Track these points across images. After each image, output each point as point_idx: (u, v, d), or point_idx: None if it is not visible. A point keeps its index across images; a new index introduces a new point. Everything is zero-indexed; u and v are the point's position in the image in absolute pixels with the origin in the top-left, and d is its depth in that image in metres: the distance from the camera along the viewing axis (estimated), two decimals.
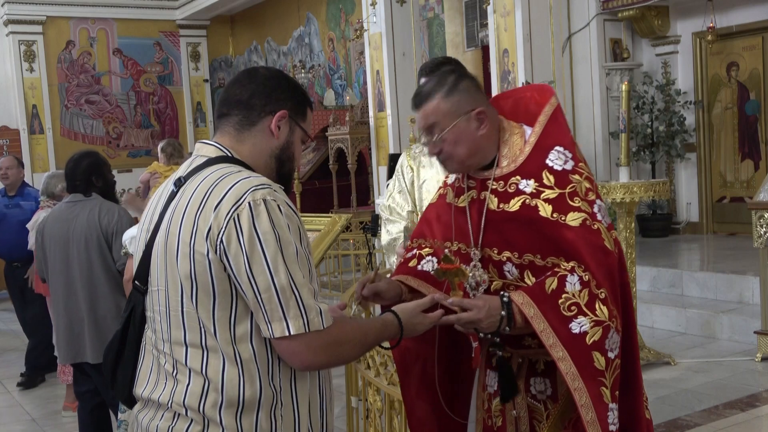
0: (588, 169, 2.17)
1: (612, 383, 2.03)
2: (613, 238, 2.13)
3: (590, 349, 2.00)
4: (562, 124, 2.18)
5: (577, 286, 2.03)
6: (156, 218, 1.81)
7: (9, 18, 14.29)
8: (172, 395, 1.74)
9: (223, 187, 1.69)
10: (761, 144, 8.56)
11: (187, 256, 1.69)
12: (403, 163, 3.33)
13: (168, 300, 1.74)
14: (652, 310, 6.73)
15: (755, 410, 4.64)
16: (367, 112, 10.97)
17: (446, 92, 2.13)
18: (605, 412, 2.00)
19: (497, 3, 8.69)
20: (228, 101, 1.88)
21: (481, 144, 2.15)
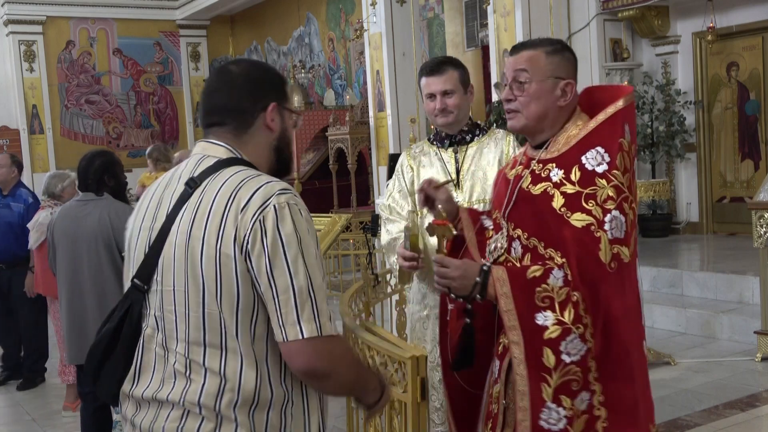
0: (626, 179, 2.10)
1: (559, 385, 2.03)
2: (630, 256, 2.08)
3: (543, 344, 2.02)
4: (618, 126, 2.13)
5: (559, 282, 2.04)
6: (164, 218, 1.80)
7: (9, 18, 14.30)
8: (185, 394, 1.73)
9: (248, 190, 1.70)
10: (761, 144, 8.56)
11: (213, 258, 1.69)
12: (404, 162, 3.33)
13: (188, 301, 1.73)
14: (652, 310, 6.73)
15: (755, 410, 4.64)
16: (367, 112, 10.97)
17: (550, 51, 2.18)
18: (540, 406, 2.03)
19: (497, 3, 8.69)
20: (216, 110, 1.89)
21: (553, 114, 2.18)
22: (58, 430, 5.22)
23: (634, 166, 2.16)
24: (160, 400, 1.77)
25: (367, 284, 3.81)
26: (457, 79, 3.10)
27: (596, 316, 2.05)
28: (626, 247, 2.07)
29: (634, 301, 2.15)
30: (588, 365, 2.05)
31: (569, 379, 2.04)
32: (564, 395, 2.04)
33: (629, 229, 2.09)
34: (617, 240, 2.06)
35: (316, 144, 12.24)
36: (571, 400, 2.05)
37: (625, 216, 2.07)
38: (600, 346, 2.06)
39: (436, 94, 3.09)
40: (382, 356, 2.59)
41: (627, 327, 2.10)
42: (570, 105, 2.20)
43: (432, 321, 3.18)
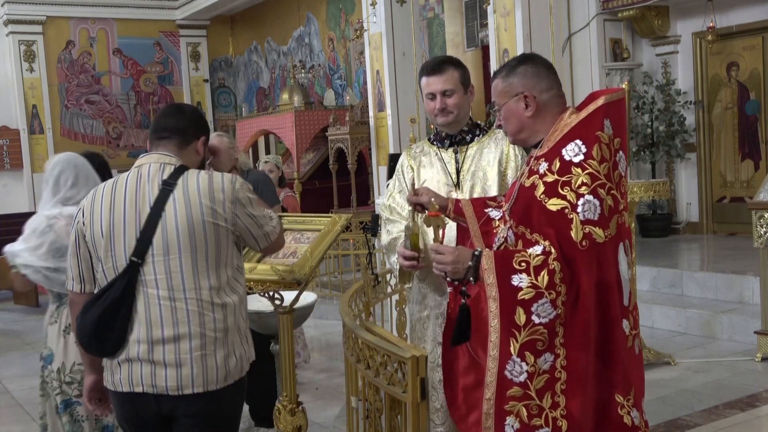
0: (603, 168, 2.29)
1: (525, 342, 2.24)
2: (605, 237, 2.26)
3: (517, 303, 2.24)
4: (597, 121, 2.33)
5: (537, 251, 2.26)
6: (148, 210, 2.51)
7: (9, 18, 14.30)
8: (203, 324, 2.49)
9: (217, 182, 2.55)
10: (761, 144, 8.57)
11: (213, 228, 2.50)
12: (404, 162, 3.33)
13: (195, 259, 2.48)
14: (652, 310, 6.73)
15: (755, 410, 4.64)
16: (367, 112, 10.97)
17: (505, 74, 2.48)
18: (507, 358, 2.26)
19: (497, 3, 8.69)
20: (167, 128, 2.68)
21: (528, 125, 2.45)
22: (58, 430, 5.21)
23: (616, 158, 2.33)
24: (177, 336, 2.46)
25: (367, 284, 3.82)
26: (458, 79, 3.10)
27: (570, 288, 2.24)
28: (600, 229, 2.25)
29: (609, 279, 2.29)
30: (555, 330, 2.25)
31: (535, 338, 2.25)
32: (529, 352, 2.25)
33: (605, 213, 2.26)
34: (589, 221, 2.24)
35: (316, 144, 12.23)
36: (534, 357, 2.25)
37: (600, 200, 2.26)
38: (569, 316, 2.25)
39: (436, 94, 3.09)
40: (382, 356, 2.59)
41: (593, 300, 2.26)
42: (545, 109, 2.44)
43: (432, 321, 3.18)
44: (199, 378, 2.48)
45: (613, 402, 2.30)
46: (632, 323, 2.39)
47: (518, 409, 2.27)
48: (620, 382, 2.31)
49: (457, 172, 3.19)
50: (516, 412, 2.28)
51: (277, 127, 12.00)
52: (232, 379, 2.56)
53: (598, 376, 2.30)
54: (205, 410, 2.53)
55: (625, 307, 2.36)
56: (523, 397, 2.26)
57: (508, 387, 2.27)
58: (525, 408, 2.27)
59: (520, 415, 2.27)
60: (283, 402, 3.32)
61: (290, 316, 3.26)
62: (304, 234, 3.41)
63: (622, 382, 2.32)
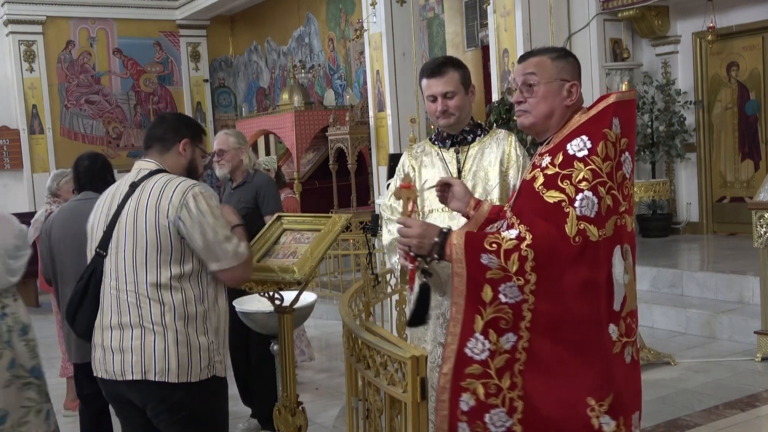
0: (606, 166, 2.25)
1: (490, 320, 2.21)
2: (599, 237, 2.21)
3: (485, 282, 2.20)
4: (606, 118, 2.30)
5: (511, 235, 2.22)
6: (115, 208, 2.80)
7: (9, 18, 14.30)
8: (140, 317, 2.70)
9: (172, 186, 2.74)
10: (761, 144, 8.57)
11: (154, 228, 2.69)
12: (405, 162, 3.33)
13: (135, 256, 2.71)
14: (652, 310, 6.73)
15: (755, 410, 4.64)
16: (367, 112, 10.97)
17: (555, 57, 2.40)
18: (469, 335, 2.22)
19: (497, 3, 8.69)
20: (150, 138, 2.95)
21: (559, 113, 2.38)
22: None
23: (621, 158, 2.30)
24: (124, 324, 2.72)
25: (367, 284, 3.82)
26: (458, 80, 3.10)
27: (545, 277, 2.18)
28: (595, 227, 2.20)
29: (597, 279, 2.23)
30: (522, 313, 2.21)
31: (500, 317, 2.21)
32: (493, 330, 2.21)
33: (603, 213, 2.22)
34: (585, 218, 2.20)
35: (316, 144, 12.23)
36: (497, 336, 2.22)
37: (599, 198, 2.22)
38: (543, 305, 2.20)
39: (437, 96, 3.09)
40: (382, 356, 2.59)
41: (574, 297, 2.20)
42: (575, 105, 2.40)
43: (432, 321, 3.18)
44: (138, 365, 2.68)
45: (584, 403, 2.23)
46: (623, 330, 2.31)
47: (475, 387, 2.24)
48: (596, 386, 2.24)
49: (458, 172, 3.19)
50: (473, 389, 2.25)
51: (277, 127, 12.00)
52: (195, 378, 2.72)
53: (571, 373, 2.23)
54: (164, 402, 2.72)
55: (616, 312, 2.29)
56: (482, 375, 2.23)
57: (467, 364, 2.24)
58: (483, 386, 2.24)
59: (477, 393, 2.24)
60: (283, 402, 3.32)
61: (290, 316, 3.26)
62: (304, 234, 3.41)
63: (599, 386, 2.24)
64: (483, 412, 2.24)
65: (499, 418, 2.23)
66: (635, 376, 2.38)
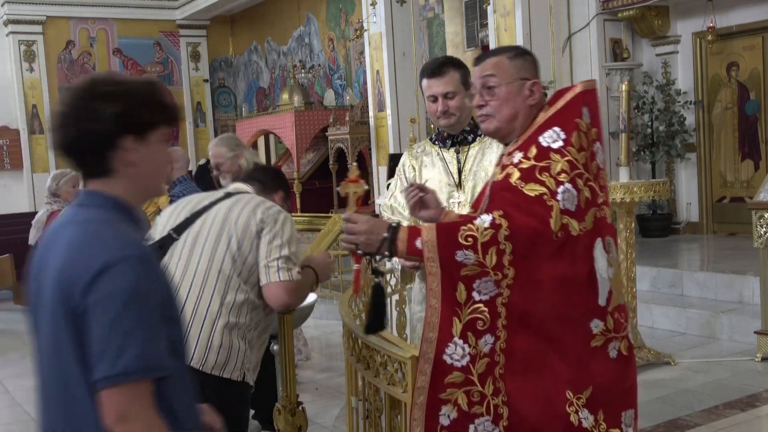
0: (581, 156, 2.18)
1: (467, 321, 2.09)
2: (579, 230, 2.13)
3: (459, 279, 2.08)
4: (576, 108, 2.24)
5: (486, 223, 2.09)
6: (206, 204, 2.96)
7: (9, 18, 14.30)
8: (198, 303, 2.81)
9: (267, 204, 2.99)
10: (761, 144, 8.57)
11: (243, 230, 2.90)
12: (405, 162, 3.33)
13: (216, 249, 2.85)
14: (652, 310, 6.73)
15: (755, 410, 4.64)
16: (367, 112, 10.97)
17: (512, 56, 2.32)
18: (448, 340, 2.10)
19: (497, 3, 8.68)
20: (251, 177, 3.18)
21: (524, 114, 2.29)
22: None
23: (594, 148, 2.23)
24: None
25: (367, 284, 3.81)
26: (458, 80, 3.09)
27: (523, 272, 2.09)
28: (576, 221, 2.13)
29: (576, 274, 2.15)
30: (497, 310, 2.11)
31: (476, 317, 2.10)
32: (471, 332, 2.10)
33: (582, 205, 2.15)
34: (567, 211, 2.12)
35: (316, 144, 12.23)
36: (476, 339, 2.10)
37: (578, 191, 2.14)
38: (516, 296, 2.11)
39: (437, 97, 3.09)
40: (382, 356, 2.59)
41: (551, 291, 2.12)
42: (538, 104, 2.31)
43: None
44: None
45: (562, 398, 2.15)
46: (611, 326, 2.21)
47: (456, 397, 2.11)
48: (573, 379, 2.16)
49: (458, 172, 3.19)
50: (454, 400, 2.12)
51: (277, 127, 12.00)
52: (228, 375, 2.77)
53: (548, 367, 2.15)
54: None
55: (601, 307, 2.19)
56: (464, 383, 2.11)
57: (447, 372, 2.11)
58: (465, 395, 2.11)
59: (459, 403, 2.11)
60: (283, 402, 3.32)
61: (290, 316, 3.26)
62: (304, 234, 3.42)
63: (576, 379, 2.16)
64: (467, 423, 2.13)
65: (484, 428, 2.12)
66: (625, 373, 2.28)
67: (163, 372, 1.62)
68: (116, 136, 1.65)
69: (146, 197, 1.80)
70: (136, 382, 1.57)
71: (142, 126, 1.68)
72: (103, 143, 1.66)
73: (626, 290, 5.56)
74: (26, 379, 6.40)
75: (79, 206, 1.74)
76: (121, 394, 1.56)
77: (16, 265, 9.50)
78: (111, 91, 1.66)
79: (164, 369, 1.62)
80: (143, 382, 1.58)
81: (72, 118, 1.65)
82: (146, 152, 1.70)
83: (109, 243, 1.62)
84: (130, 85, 1.70)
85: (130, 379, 1.56)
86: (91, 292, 1.56)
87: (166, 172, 1.82)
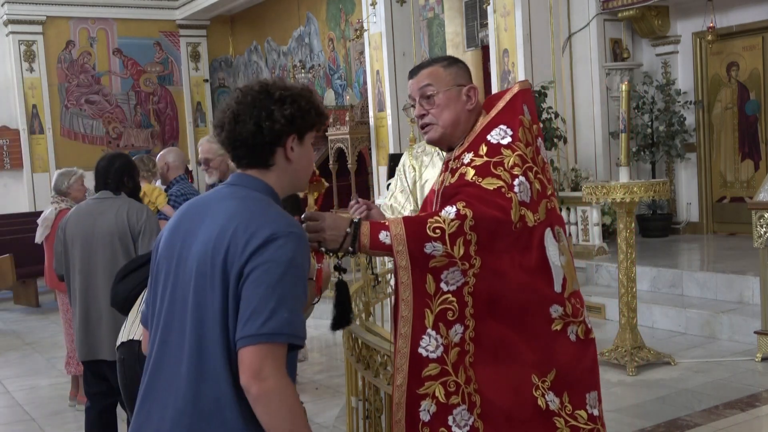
0: (529, 151, 2.26)
1: (438, 312, 2.13)
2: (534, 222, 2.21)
3: (427, 271, 2.12)
4: (517, 106, 2.33)
5: (451, 215, 2.13)
6: None
7: (9, 18, 14.30)
8: None
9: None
10: (761, 144, 8.57)
11: None
12: (405, 162, 3.34)
13: None
14: (652, 310, 6.73)
15: (755, 410, 4.64)
16: (367, 112, 10.97)
17: (445, 64, 2.38)
18: (422, 332, 2.13)
19: (497, 3, 8.69)
20: None
21: (464, 118, 2.35)
22: (59, 430, 5.22)
23: (537, 143, 2.32)
24: None
25: (367, 284, 3.82)
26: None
27: (488, 260, 2.15)
28: (531, 212, 2.21)
29: (532, 261, 2.21)
30: (465, 299, 2.15)
31: (446, 307, 2.14)
32: (442, 323, 2.14)
33: (535, 197, 2.23)
34: (524, 203, 2.20)
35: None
36: (446, 329, 2.14)
37: (530, 183, 2.22)
38: (481, 284, 2.15)
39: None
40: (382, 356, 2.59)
41: (514, 277, 2.18)
42: (476, 108, 2.38)
43: None
44: None
45: (528, 382, 2.20)
46: (569, 311, 2.27)
47: (434, 389, 2.15)
48: (538, 361, 2.22)
49: None
50: (432, 393, 2.15)
51: None
52: None
53: (514, 352, 2.20)
54: None
55: (558, 294, 2.25)
56: (441, 374, 2.14)
57: (423, 365, 2.14)
58: (442, 386, 2.14)
59: (437, 396, 2.14)
60: None
61: None
62: None
63: (541, 362, 2.22)
64: (446, 415, 2.16)
65: (462, 417, 2.16)
66: (584, 354, 2.32)
67: (301, 341, 1.77)
68: (286, 134, 1.90)
69: (292, 190, 2.00)
70: (279, 345, 1.72)
71: (305, 127, 1.93)
72: (275, 140, 1.89)
73: (627, 291, 5.57)
74: (26, 378, 6.41)
75: (234, 185, 1.93)
76: (263, 353, 1.70)
77: (16, 265, 9.50)
78: (284, 95, 1.90)
79: (303, 338, 1.77)
80: (283, 346, 1.73)
81: (249, 116, 1.87)
82: (301, 151, 1.95)
83: (276, 218, 1.81)
84: (299, 91, 1.94)
85: (276, 341, 1.71)
86: (256, 257, 1.74)
87: (311, 171, 2.05)
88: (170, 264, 1.90)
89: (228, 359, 1.76)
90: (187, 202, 2.02)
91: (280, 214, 1.85)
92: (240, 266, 1.75)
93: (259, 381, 1.69)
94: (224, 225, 1.81)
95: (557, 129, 8.38)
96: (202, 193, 3.20)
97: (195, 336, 1.80)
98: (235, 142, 1.90)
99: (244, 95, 1.90)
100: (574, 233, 8.09)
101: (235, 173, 1.97)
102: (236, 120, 1.88)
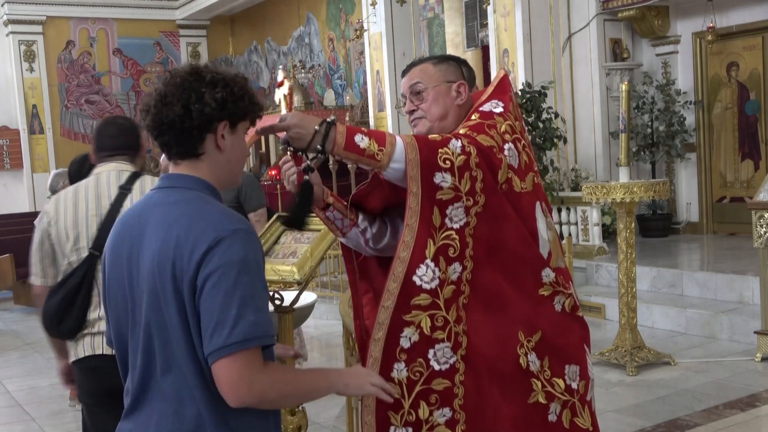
0: (518, 126, 2.30)
1: (441, 246, 2.12)
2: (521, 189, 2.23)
3: (435, 203, 2.11)
4: (506, 86, 2.40)
5: (457, 148, 2.12)
6: (108, 207, 2.88)
7: (9, 18, 14.29)
8: None
9: None
10: (761, 144, 8.57)
11: None
12: None
13: None
14: (652, 310, 6.73)
15: (755, 410, 4.64)
16: (367, 112, 10.98)
17: (436, 62, 2.43)
18: (420, 261, 2.11)
19: (497, 3, 8.69)
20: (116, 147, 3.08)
21: (453, 113, 2.38)
22: (58, 429, 5.22)
23: (523, 124, 2.38)
24: None
25: None
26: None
27: (490, 200, 2.16)
28: (518, 178, 2.23)
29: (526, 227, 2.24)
30: (466, 240, 2.15)
31: (448, 243, 2.13)
32: (443, 257, 2.13)
33: (522, 167, 2.25)
34: (512, 167, 2.22)
35: None
36: (446, 265, 2.13)
37: (518, 153, 2.25)
38: (482, 227, 2.16)
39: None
40: None
41: (512, 228, 2.21)
42: (466, 104, 2.41)
43: None
44: None
45: (515, 338, 2.20)
46: (561, 282, 2.29)
47: (420, 320, 2.12)
48: (526, 319, 2.22)
49: None
50: (417, 323, 2.12)
51: None
52: None
53: (506, 304, 2.21)
54: None
55: (546, 261, 2.28)
56: (430, 306, 2.12)
57: (414, 294, 2.12)
58: (429, 318, 2.12)
59: (422, 327, 2.12)
60: None
61: (290, 316, 3.26)
62: (304, 234, 3.41)
63: (529, 320, 2.23)
64: (427, 347, 2.13)
65: (443, 354, 2.14)
66: (569, 328, 2.32)
67: (272, 340, 1.69)
68: (216, 120, 1.76)
69: (226, 185, 1.86)
70: (252, 350, 1.63)
71: (237, 115, 1.80)
72: (204, 125, 1.76)
73: (627, 291, 5.57)
74: (26, 379, 6.41)
75: (166, 189, 1.81)
76: (238, 363, 1.61)
77: (16, 264, 9.50)
78: (216, 78, 1.77)
79: (273, 336, 1.70)
80: (256, 350, 1.64)
81: (177, 98, 1.74)
82: (234, 140, 1.81)
83: (215, 218, 1.70)
84: (232, 77, 1.81)
85: (247, 347, 1.62)
86: (205, 266, 1.63)
87: (244, 164, 1.92)
88: (122, 287, 1.79)
89: (202, 378, 1.68)
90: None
91: (220, 211, 1.73)
92: (190, 279, 1.65)
93: (246, 391, 1.62)
94: (164, 237, 1.69)
95: (557, 129, 8.38)
96: None
97: (163, 359, 1.71)
98: (162, 126, 1.76)
99: (173, 77, 1.78)
100: (574, 233, 8.09)
101: (164, 174, 1.86)
102: (163, 102, 1.75)
